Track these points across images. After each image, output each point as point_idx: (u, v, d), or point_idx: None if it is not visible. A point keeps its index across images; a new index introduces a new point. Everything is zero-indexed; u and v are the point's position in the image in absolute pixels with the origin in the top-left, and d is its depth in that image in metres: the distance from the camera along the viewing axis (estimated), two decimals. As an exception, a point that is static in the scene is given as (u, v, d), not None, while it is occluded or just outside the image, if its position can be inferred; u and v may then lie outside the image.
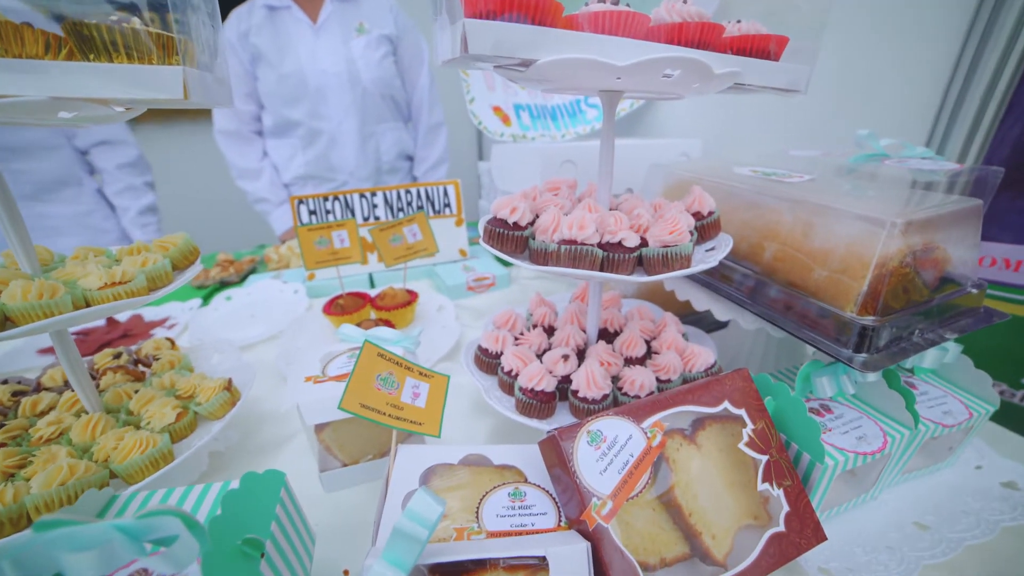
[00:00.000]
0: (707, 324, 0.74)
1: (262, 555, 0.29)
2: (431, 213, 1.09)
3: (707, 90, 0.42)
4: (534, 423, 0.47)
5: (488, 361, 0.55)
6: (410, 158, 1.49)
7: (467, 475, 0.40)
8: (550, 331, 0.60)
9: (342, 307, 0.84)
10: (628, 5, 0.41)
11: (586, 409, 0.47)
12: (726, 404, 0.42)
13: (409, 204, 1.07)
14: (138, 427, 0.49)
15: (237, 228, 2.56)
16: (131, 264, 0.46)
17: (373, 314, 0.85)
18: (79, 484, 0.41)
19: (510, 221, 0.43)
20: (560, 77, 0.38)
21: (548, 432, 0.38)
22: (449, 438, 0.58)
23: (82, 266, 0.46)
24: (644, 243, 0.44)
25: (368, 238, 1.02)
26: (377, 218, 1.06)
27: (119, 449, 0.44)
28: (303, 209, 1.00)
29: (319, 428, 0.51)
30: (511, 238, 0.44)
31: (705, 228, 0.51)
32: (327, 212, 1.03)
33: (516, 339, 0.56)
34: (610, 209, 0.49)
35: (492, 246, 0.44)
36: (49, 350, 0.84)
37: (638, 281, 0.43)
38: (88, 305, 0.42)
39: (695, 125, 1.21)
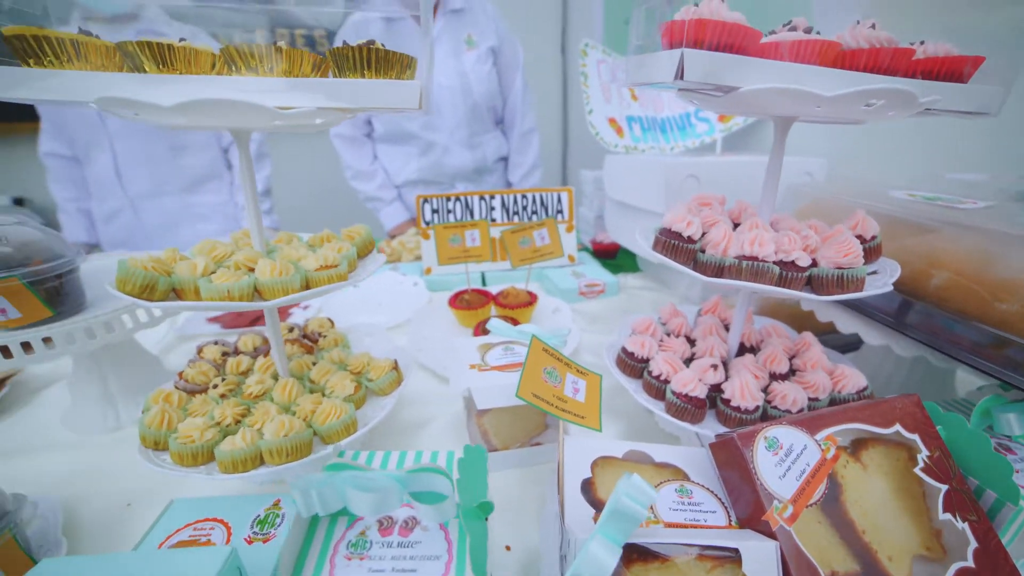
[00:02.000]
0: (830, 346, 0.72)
1: (486, 518, 0.34)
2: (543, 218, 1.13)
3: (898, 118, 0.42)
4: (685, 426, 0.49)
5: (632, 364, 0.58)
6: (504, 159, 1.56)
7: (632, 469, 0.43)
8: (688, 341, 0.62)
9: (467, 302, 0.90)
10: (819, 33, 0.43)
11: (737, 418, 0.49)
12: (898, 427, 0.42)
13: (524, 208, 1.12)
14: (323, 394, 0.57)
15: (344, 219, 2.77)
16: (330, 250, 0.54)
17: (494, 310, 0.91)
18: (295, 437, 0.48)
19: (685, 234, 0.46)
20: (758, 104, 0.40)
21: (719, 435, 0.41)
22: (585, 434, 0.61)
23: (295, 249, 0.54)
24: (813, 263, 0.45)
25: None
26: (494, 219, 1.12)
27: (318, 412, 0.52)
28: (427, 208, 1.08)
29: (480, 413, 0.56)
30: (683, 250, 0.46)
31: (867, 252, 0.51)
32: (448, 211, 1.10)
33: (659, 345, 0.59)
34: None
35: (665, 255, 0.47)
36: (217, 319, 0.97)
37: (809, 299, 0.44)
38: (308, 286, 0.50)
39: (816, 143, 1.17)
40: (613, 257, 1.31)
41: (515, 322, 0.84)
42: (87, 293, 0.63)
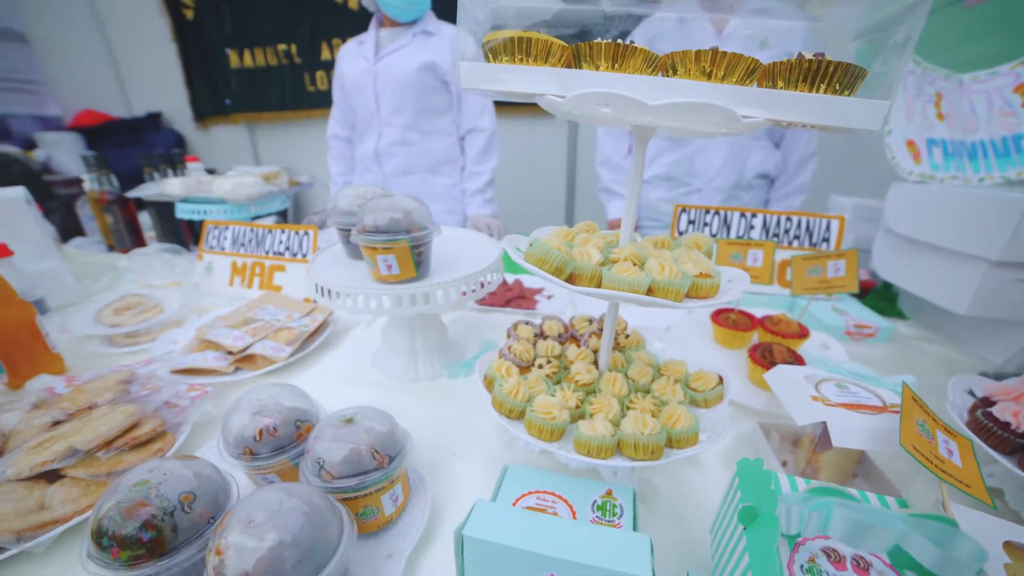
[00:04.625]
0: None
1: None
2: (806, 244, 1.04)
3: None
4: None
5: (1002, 435, 0.49)
6: (768, 178, 1.45)
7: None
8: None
9: (734, 322, 0.86)
10: None
11: None
12: None
13: (787, 232, 1.04)
14: (652, 396, 0.57)
15: (542, 213, 2.95)
16: (699, 259, 0.53)
17: (756, 336, 0.85)
18: (653, 437, 0.49)
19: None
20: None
21: None
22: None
23: (640, 249, 0.54)
24: None
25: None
26: (751, 239, 1.06)
27: (665, 414, 0.52)
28: (684, 217, 1.06)
29: (821, 449, 0.52)
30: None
31: None
32: (704, 224, 1.07)
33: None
34: None
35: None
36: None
37: None
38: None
39: None
40: (864, 295, 1.15)
41: (791, 352, 0.78)
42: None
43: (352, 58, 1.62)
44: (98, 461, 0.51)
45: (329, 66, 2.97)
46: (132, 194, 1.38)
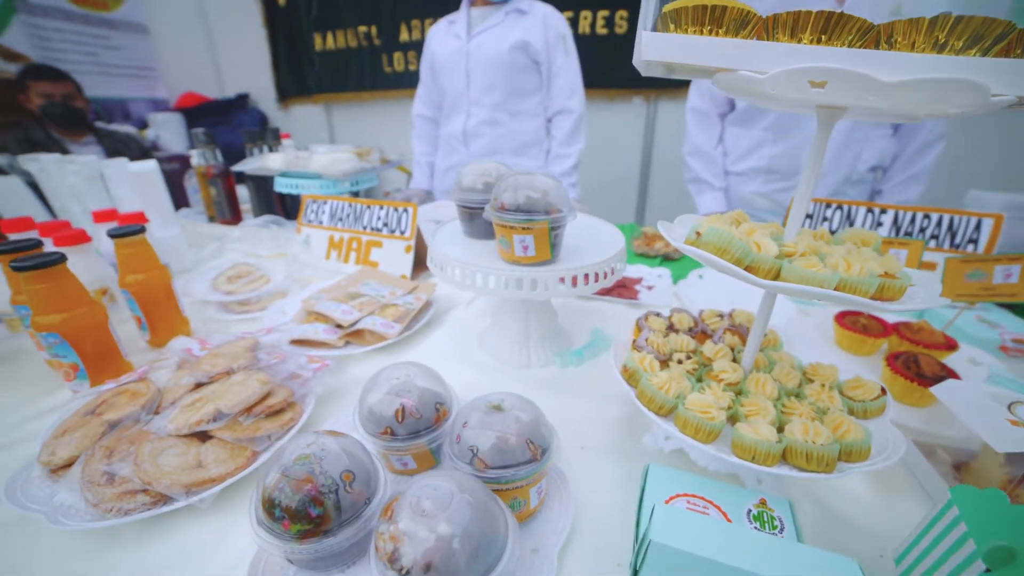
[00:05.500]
0: None
1: None
2: (946, 246, 0.91)
3: None
4: None
5: None
6: (877, 169, 1.31)
7: None
8: None
9: (863, 326, 0.77)
10: None
11: None
12: None
13: (923, 231, 0.92)
14: (805, 401, 0.52)
15: (613, 202, 2.88)
16: (889, 259, 0.46)
17: (886, 345, 0.76)
18: (826, 448, 0.43)
19: None
20: None
21: None
22: None
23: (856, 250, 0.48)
24: None
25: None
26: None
27: (830, 421, 0.46)
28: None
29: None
30: None
31: None
32: (824, 219, 0.97)
33: None
34: None
35: None
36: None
37: None
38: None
39: None
40: (1017, 307, 1.01)
41: (942, 366, 0.68)
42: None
43: (443, 37, 1.60)
44: (240, 425, 0.52)
45: (407, 47, 3.00)
46: (237, 168, 1.45)
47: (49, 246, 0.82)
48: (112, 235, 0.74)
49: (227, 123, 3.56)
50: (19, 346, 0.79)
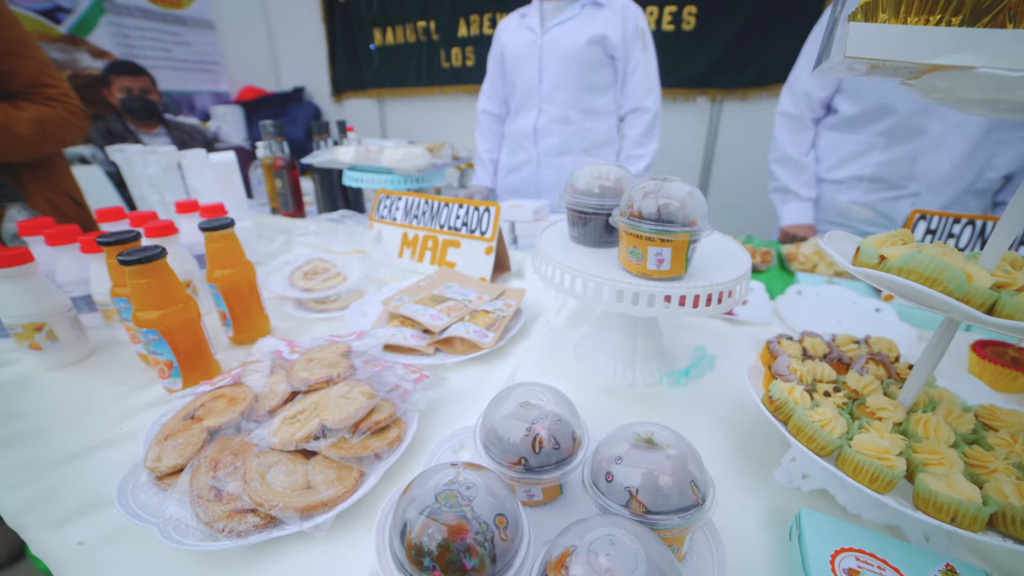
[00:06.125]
0: None
1: None
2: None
3: None
4: None
5: None
6: (1010, 177, 1.18)
7: None
8: None
9: (1012, 359, 0.67)
10: None
11: None
12: None
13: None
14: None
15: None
16: None
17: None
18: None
19: None
20: None
21: None
22: None
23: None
24: None
25: None
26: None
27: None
28: (922, 225, 0.86)
29: None
30: None
31: None
32: (950, 235, 0.86)
33: None
34: None
35: None
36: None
37: None
38: None
39: None
40: None
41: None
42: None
43: (515, 30, 1.55)
44: (347, 443, 0.48)
45: (465, 42, 2.97)
46: (306, 160, 1.44)
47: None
48: (204, 228, 0.73)
49: (283, 115, 3.64)
50: (113, 336, 0.79)
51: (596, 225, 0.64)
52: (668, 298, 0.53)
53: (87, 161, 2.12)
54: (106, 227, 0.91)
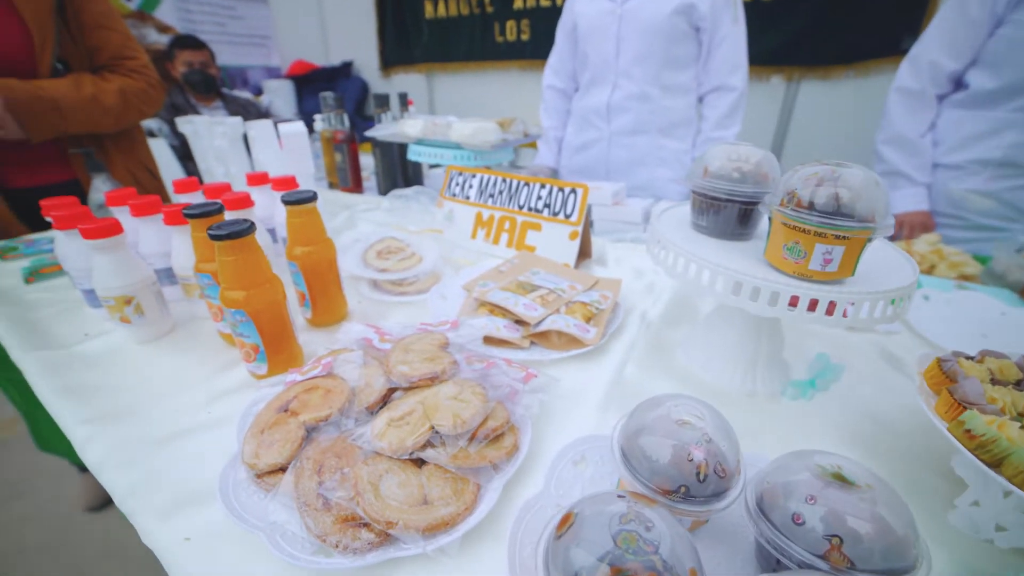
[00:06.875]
0: None
1: None
2: None
3: None
4: None
5: None
6: None
7: None
8: None
9: None
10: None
11: None
12: None
13: None
14: None
15: None
16: None
17: None
18: None
19: None
20: None
21: None
22: None
23: None
24: None
25: None
26: None
27: None
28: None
29: None
30: None
31: None
32: None
33: None
34: None
35: None
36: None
37: None
38: None
39: None
40: None
41: None
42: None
43: (590, -1, 1.44)
44: (465, 453, 0.43)
45: (520, 15, 2.84)
46: (370, 133, 1.39)
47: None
48: (287, 201, 0.68)
49: (332, 89, 3.62)
50: (192, 311, 0.76)
51: (729, 214, 0.56)
52: (840, 310, 0.44)
53: (154, 135, 2.15)
54: (181, 199, 0.88)
